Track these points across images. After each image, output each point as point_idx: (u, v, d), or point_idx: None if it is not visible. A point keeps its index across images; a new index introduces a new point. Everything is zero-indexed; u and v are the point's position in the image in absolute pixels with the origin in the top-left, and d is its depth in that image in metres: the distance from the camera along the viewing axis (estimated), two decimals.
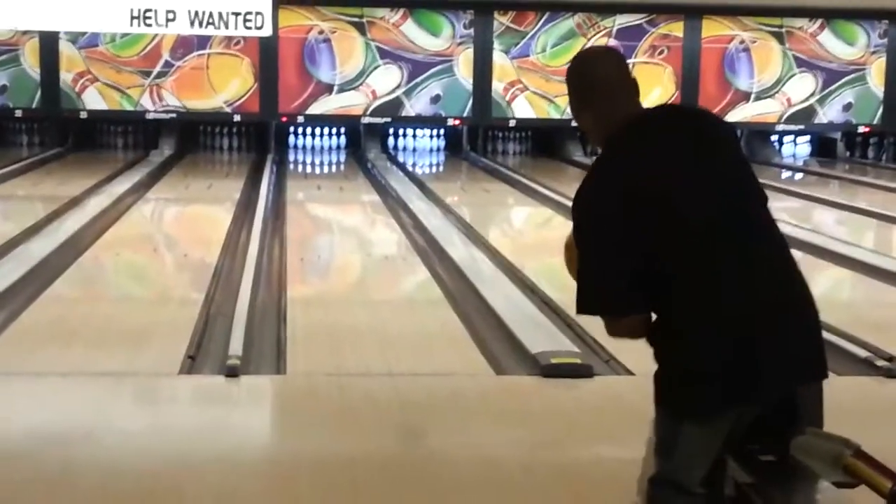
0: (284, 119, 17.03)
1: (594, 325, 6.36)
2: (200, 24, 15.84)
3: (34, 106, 16.70)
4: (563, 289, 5.06)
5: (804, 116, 17.70)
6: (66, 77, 16.62)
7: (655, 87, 17.24)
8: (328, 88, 16.93)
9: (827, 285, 8.45)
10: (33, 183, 13.33)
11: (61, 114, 16.72)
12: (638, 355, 3.04)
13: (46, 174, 14.12)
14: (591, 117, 2.87)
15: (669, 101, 16.92)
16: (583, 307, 2.77)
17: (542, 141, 17.72)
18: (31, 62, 16.61)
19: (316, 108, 16.95)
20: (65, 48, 16.55)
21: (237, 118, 16.99)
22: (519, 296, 7.20)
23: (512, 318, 6.45)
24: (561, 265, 3.05)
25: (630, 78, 2.89)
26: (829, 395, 2.90)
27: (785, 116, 17.68)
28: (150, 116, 16.79)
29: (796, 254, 2.93)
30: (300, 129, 17.60)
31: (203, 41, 16.59)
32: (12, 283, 7.27)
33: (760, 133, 17.95)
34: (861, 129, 17.87)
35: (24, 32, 16.27)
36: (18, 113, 16.76)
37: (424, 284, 8.00)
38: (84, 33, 16.30)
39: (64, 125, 17.06)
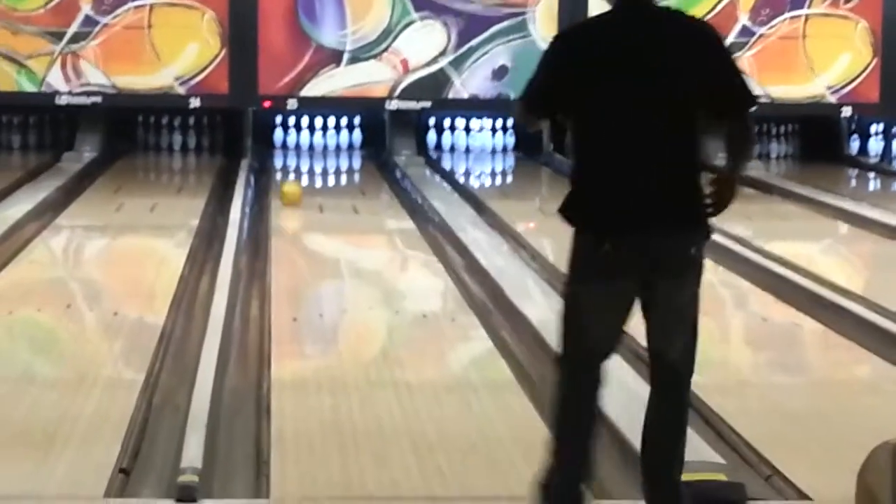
0: (268, 104, 17.18)
1: (752, 426, 6.33)
2: None
3: None
4: (704, 369, 5.03)
5: None
6: None
7: (843, 52, 17.17)
8: (334, 57, 17.05)
9: None
10: None
11: None
12: (814, 471, 3.06)
13: None
14: None
15: (862, 72, 16.94)
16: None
17: None
18: None
19: (316, 88, 17.07)
20: None
21: (195, 103, 17.12)
22: (633, 378, 7.08)
23: (621, 414, 6.28)
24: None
25: None
26: None
27: None
28: (61, 101, 16.96)
29: None
30: (291, 120, 17.75)
31: None
32: None
33: None
34: None
35: None
36: None
37: (483, 360, 8.00)
38: None
39: None
